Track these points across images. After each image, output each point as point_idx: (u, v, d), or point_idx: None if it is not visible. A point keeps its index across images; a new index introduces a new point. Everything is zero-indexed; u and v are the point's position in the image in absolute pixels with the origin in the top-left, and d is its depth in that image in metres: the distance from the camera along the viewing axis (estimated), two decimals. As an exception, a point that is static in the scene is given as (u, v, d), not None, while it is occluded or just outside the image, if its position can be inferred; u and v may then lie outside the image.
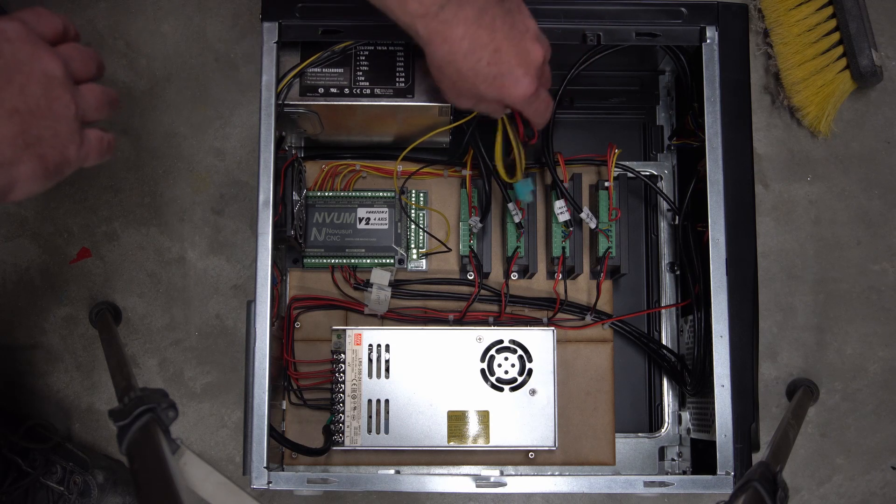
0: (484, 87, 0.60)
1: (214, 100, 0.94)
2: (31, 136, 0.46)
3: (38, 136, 0.46)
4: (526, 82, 0.60)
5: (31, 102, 0.46)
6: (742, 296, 0.70)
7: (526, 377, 0.75)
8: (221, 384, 0.91)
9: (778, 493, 0.50)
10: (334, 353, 0.76)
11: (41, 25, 0.49)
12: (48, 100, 0.47)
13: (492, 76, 0.59)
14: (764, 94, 0.95)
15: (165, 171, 0.93)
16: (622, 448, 0.81)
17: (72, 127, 0.48)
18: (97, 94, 0.51)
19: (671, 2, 0.71)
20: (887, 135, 0.95)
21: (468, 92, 0.61)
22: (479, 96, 0.62)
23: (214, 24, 0.95)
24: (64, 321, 0.91)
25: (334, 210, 0.79)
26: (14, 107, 0.45)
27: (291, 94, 0.72)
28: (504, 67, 0.59)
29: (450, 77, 0.60)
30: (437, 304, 0.80)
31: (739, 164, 0.71)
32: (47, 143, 0.47)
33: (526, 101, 0.62)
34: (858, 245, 0.93)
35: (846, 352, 0.92)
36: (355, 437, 0.74)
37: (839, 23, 0.91)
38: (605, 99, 0.86)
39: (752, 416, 0.69)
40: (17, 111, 0.45)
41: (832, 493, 0.90)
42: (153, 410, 0.50)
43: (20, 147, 0.45)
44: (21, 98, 0.45)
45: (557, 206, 0.77)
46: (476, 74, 0.59)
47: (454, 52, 0.58)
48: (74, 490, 0.83)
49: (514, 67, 0.59)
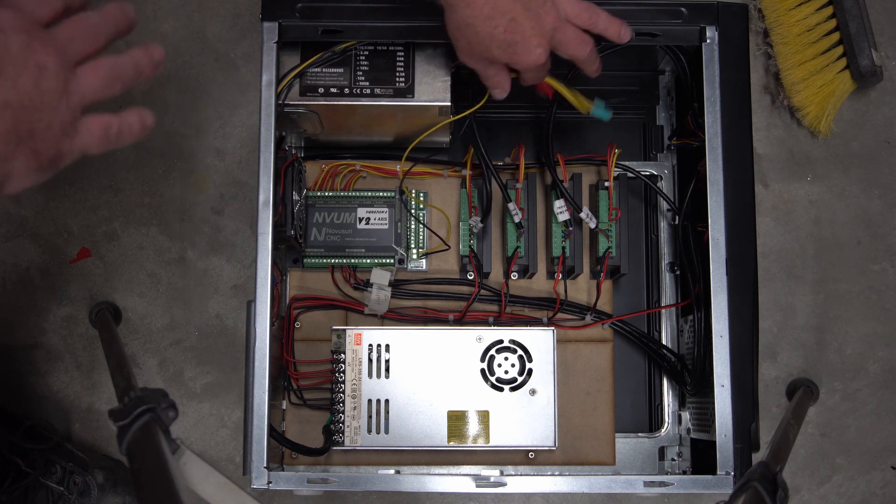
0: (497, 52, 0.63)
1: (214, 100, 0.94)
2: (22, 131, 0.45)
3: (31, 129, 0.45)
4: (538, 52, 0.63)
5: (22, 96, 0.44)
6: (742, 296, 0.70)
7: (526, 377, 0.75)
8: (221, 384, 0.91)
9: (778, 493, 0.50)
10: (334, 353, 0.76)
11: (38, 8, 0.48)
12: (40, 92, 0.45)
13: (506, 43, 0.62)
14: (764, 94, 0.95)
15: (165, 171, 0.93)
16: (622, 448, 0.81)
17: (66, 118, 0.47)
18: (102, 72, 0.49)
19: (671, 2, 0.71)
20: (887, 135, 0.95)
21: (481, 55, 0.64)
22: (490, 59, 0.64)
23: (214, 24, 0.95)
24: (64, 321, 0.91)
25: (334, 210, 0.79)
26: (5, 100, 0.44)
27: (291, 94, 0.72)
28: (519, 36, 0.62)
29: (467, 38, 0.63)
30: (437, 304, 0.80)
31: (739, 164, 0.71)
32: (40, 137, 0.46)
33: (535, 69, 0.65)
34: (858, 245, 0.93)
35: (846, 352, 0.92)
36: (355, 437, 0.74)
37: (839, 23, 0.91)
38: (605, 99, 0.86)
39: (752, 416, 0.69)
40: (7, 105, 0.44)
41: (832, 493, 0.90)
42: (153, 410, 0.50)
43: (12, 142, 0.44)
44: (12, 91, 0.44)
45: (557, 205, 0.77)
46: (492, 39, 0.62)
47: (475, 16, 0.61)
48: (74, 490, 0.83)
49: (529, 37, 0.62)
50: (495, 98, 0.69)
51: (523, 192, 0.78)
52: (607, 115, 0.73)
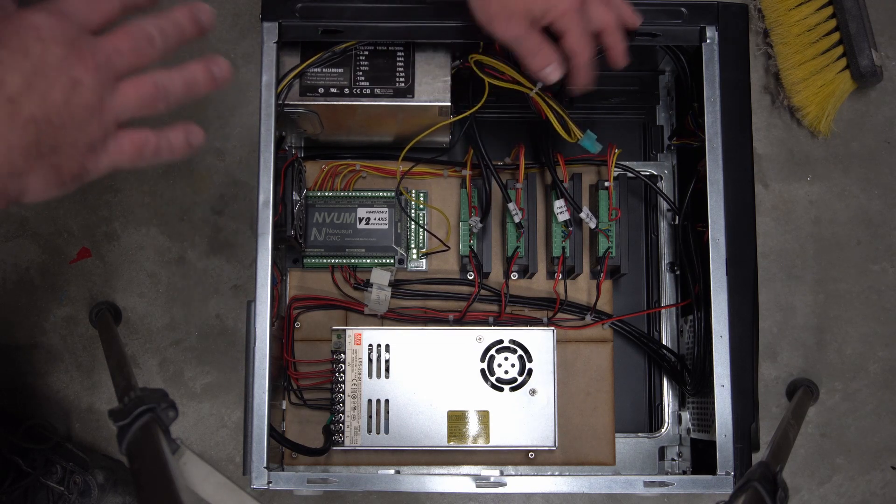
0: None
1: (214, 100, 0.94)
2: (45, 146, 0.42)
3: (54, 145, 0.43)
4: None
5: (50, 111, 0.42)
6: (742, 296, 0.70)
7: (526, 377, 0.75)
8: (221, 384, 0.91)
9: (778, 493, 0.50)
10: (334, 353, 0.76)
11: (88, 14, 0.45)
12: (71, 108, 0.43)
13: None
14: (764, 94, 0.95)
15: (165, 171, 0.93)
16: (622, 448, 0.81)
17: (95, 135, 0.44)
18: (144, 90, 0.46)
19: (671, 2, 0.71)
20: (887, 135, 0.95)
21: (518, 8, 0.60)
22: (527, 11, 0.60)
23: (214, 23, 0.95)
24: (64, 321, 0.91)
25: (334, 210, 0.79)
26: (31, 115, 0.41)
27: (291, 94, 0.72)
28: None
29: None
30: (437, 304, 0.80)
31: (739, 164, 0.71)
32: (64, 153, 0.43)
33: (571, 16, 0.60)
34: (858, 245, 0.93)
35: (846, 352, 0.92)
36: (355, 437, 0.74)
37: (839, 23, 0.91)
38: (605, 99, 0.86)
39: (752, 416, 0.69)
40: (33, 120, 0.41)
41: (832, 493, 0.90)
42: (153, 410, 0.50)
43: (33, 157, 0.42)
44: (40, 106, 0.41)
45: (557, 205, 0.77)
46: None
47: None
48: (74, 490, 0.83)
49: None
50: (548, 80, 0.64)
51: (523, 192, 0.78)
52: (595, 149, 0.73)
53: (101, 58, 0.44)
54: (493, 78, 0.72)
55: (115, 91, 0.45)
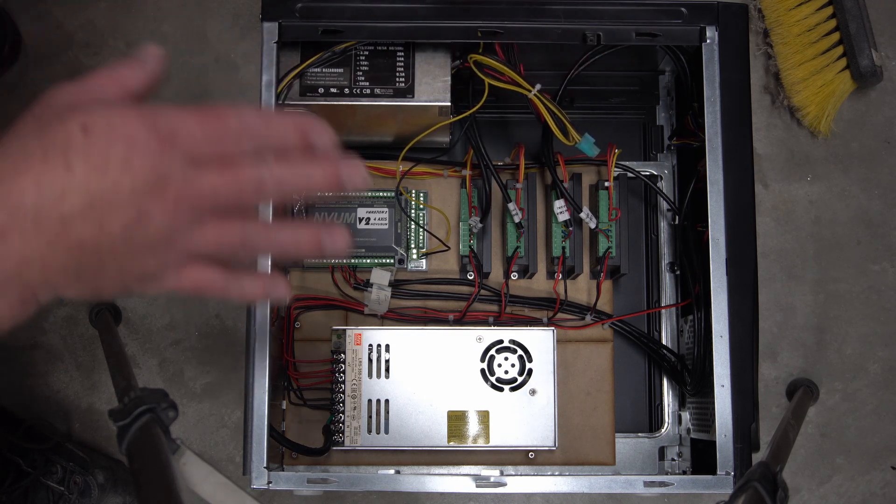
0: None
1: (214, 100, 0.94)
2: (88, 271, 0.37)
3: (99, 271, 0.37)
4: None
5: (103, 240, 0.36)
6: (742, 296, 0.70)
7: (526, 377, 0.75)
8: (221, 384, 0.91)
9: (778, 493, 0.50)
10: (334, 353, 0.76)
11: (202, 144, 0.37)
12: (129, 241, 0.36)
13: None
14: (764, 94, 0.95)
15: (165, 171, 0.93)
16: (622, 448, 0.81)
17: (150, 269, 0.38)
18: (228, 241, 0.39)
19: (671, 2, 0.71)
20: (887, 135, 0.95)
21: None
22: None
23: (214, 24, 0.95)
24: (64, 321, 0.91)
25: (334, 210, 0.79)
26: (81, 240, 0.35)
27: (291, 94, 0.72)
28: None
29: None
30: (437, 304, 0.80)
31: (739, 164, 0.71)
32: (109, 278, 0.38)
33: None
34: (858, 245, 0.93)
35: (846, 352, 0.92)
36: (355, 437, 0.74)
37: (839, 23, 0.91)
38: (605, 99, 0.86)
39: (752, 416, 0.69)
40: (81, 245, 0.35)
41: (832, 493, 0.90)
42: (153, 410, 0.50)
43: (71, 276, 0.37)
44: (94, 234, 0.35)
45: (557, 205, 0.77)
46: None
47: None
48: (74, 490, 0.83)
49: None
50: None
51: (523, 192, 0.78)
52: (593, 152, 0.73)
53: (189, 198, 0.37)
54: (493, 78, 0.72)
55: (194, 231, 0.38)
